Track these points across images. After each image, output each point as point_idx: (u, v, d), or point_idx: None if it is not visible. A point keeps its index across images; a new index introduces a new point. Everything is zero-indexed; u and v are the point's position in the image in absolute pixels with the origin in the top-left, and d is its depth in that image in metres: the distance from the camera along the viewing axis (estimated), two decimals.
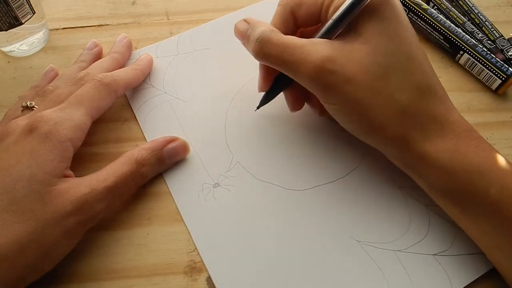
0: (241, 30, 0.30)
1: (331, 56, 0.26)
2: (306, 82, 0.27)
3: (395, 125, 0.26)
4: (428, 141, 0.26)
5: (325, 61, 0.26)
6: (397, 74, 0.26)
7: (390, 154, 0.29)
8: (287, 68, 0.28)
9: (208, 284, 0.28)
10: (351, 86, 0.26)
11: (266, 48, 0.28)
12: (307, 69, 0.26)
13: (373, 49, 0.26)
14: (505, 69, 0.35)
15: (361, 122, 0.27)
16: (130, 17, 0.41)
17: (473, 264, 0.28)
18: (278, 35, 0.28)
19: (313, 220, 0.30)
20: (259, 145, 0.33)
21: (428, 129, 0.26)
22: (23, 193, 0.25)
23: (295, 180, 0.31)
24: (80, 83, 0.31)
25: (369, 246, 0.29)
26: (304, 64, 0.26)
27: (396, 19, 0.27)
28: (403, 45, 0.27)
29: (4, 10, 0.33)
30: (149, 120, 0.34)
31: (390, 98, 0.26)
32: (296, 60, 0.27)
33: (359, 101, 0.26)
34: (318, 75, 0.26)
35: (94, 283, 0.27)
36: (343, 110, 0.28)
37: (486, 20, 0.39)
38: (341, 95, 0.26)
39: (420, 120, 0.26)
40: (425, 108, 0.27)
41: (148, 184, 0.31)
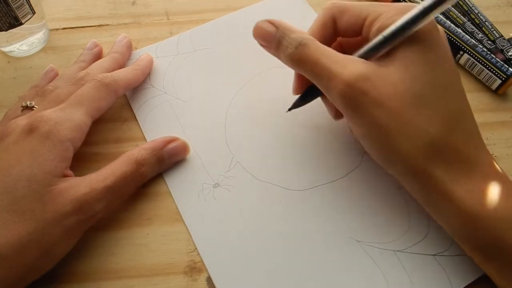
0: (267, 33, 0.28)
1: (365, 74, 0.25)
2: (335, 97, 0.26)
3: (421, 158, 0.25)
4: (454, 179, 0.25)
5: (359, 79, 0.25)
6: (431, 106, 0.25)
7: (412, 187, 0.27)
8: (319, 78, 0.26)
9: (208, 284, 0.28)
10: (381, 110, 0.25)
11: (303, 55, 0.27)
12: (339, 84, 0.25)
13: (410, 76, 0.25)
14: (505, 69, 0.35)
15: (385, 150, 0.26)
16: (130, 17, 0.41)
17: (473, 265, 0.28)
18: (316, 43, 0.27)
19: (313, 220, 0.30)
20: (259, 145, 0.33)
21: (456, 168, 0.25)
22: (23, 193, 0.25)
23: (295, 180, 0.31)
24: (80, 83, 0.31)
25: (369, 246, 0.29)
26: (336, 77, 0.25)
27: (439, 49, 0.26)
28: (442, 77, 0.25)
29: (4, 10, 0.33)
30: (149, 120, 0.34)
31: (420, 129, 0.25)
32: (329, 72, 0.25)
33: (386, 127, 0.25)
34: (349, 92, 0.25)
35: (94, 283, 0.27)
36: (369, 134, 0.26)
37: (486, 20, 0.39)
38: (369, 118, 0.25)
39: (449, 157, 0.25)
40: (455, 144, 0.25)
41: (148, 184, 0.31)
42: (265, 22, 0.29)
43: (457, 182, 0.25)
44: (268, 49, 0.29)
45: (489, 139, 0.34)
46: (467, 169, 0.25)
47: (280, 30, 0.28)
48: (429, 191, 0.26)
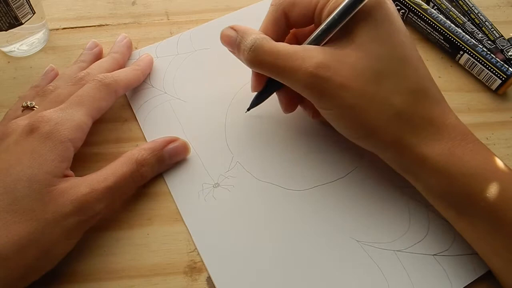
0: (230, 38, 0.29)
1: (324, 62, 0.26)
2: (300, 89, 0.27)
3: (390, 129, 0.26)
4: (424, 144, 0.26)
5: (319, 67, 0.26)
6: (391, 79, 0.26)
7: (387, 157, 0.29)
8: (281, 75, 0.28)
9: (208, 284, 0.28)
10: (345, 92, 0.26)
11: (260, 56, 0.27)
12: (301, 77, 0.26)
13: (365, 54, 0.26)
14: (505, 69, 0.35)
15: (356, 127, 0.27)
16: (130, 17, 0.41)
17: (473, 264, 0.28)
18: (270, 42, 0.28)
19: (313, 220, 0.30)
20: (259, 145, 0.33)
21: (424, 132, 0.26)
22: (24, 193, 0.25)
23: (295, 180, 0.31)
24: (81, 83, 0.31)
25: (369, 246, 0.29)
26: (297, 71, 0.26)
27: (389, 22, 0.27)
28: (397, 49, 0.26)
29: (4, 10, 0.33)
30: (149, 120, 0.34)
31: (385, 102, 0.26)
32: (290, 67, 0.27)
33: (353, 106, 0.26)
34: (312, 82, 0.26)
35: (94, 283, 0.27)
36: (337, 115, 0.28)
37: (486, 20, 0.39)
38: (335, 101, 0.26)
39: (416, 124, 0.26)
40: (421, 112, 0.26)
41: (148, 184, 0.31)
42: (227, 28, 0.30)
43: (426, 145, 0.26)
44: (235, 54, 0.30)
45: (489, 139, 0.34)
46: (435, 132, 0.26)
47: (239, 34, 0.29)
48: (403, 158, 0.27)
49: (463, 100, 0.36)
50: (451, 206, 0.27)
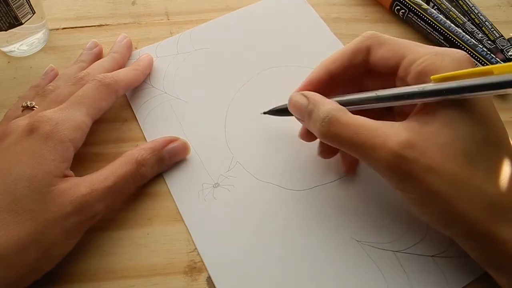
0: (300, 106, 0.27)
1: (411, 141, 0.23)
2: (380, 169, 0.25)
3: (481, 219, 0.23)
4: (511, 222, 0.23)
5: (404, 147, 0.23)
6: (485, 165, 0.24)
7: (472, 247, 0.25)
8: (359, 152, 0.25)
9: (208, 284, 0.28)
10: (432, 176, 0.23)
11: (335, 129, 0.25)
12: (383, 156, 0.24)
13: (457, 136, 0.23)
14: None
15: (441, 214, 0.24)
16: (130, 17, 0.41)
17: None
18: (348, 115, 0.25)
19: (313, 220, 0.30)
20: (259, 145, 0.33)
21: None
22: (24, 193, 0.25)
23: (295, 180, 0.31)
24: (81, 83, 0.31)
25: (369, 246, 0.29)
26: (379, 149, 0.24)
27: (481, 103, 0.24)
28: (491, 133, 0.24)
29: (4, 10, 0.33)
30: (149, 120, 0.34)
31: (477, 190, 0.23)
32: (371, 144, 0.24)
33: (441, 192, 0.23)
34: (396, 163, 0.24)
35: (94, 283, 0.28)
36: (421, 201, 0.25)
37: (486, 20, 0.39)
38: (421, 185, 0.24)
39: (509, 215, 0.24)
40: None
41: (148, 184, 0.31)
42: (297, 94, 0.28)
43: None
44: (302, 122, 0.29)
45: None
46: None
47: (311, 102, 0.27)
48: (492, 252, 0.24)
49: None
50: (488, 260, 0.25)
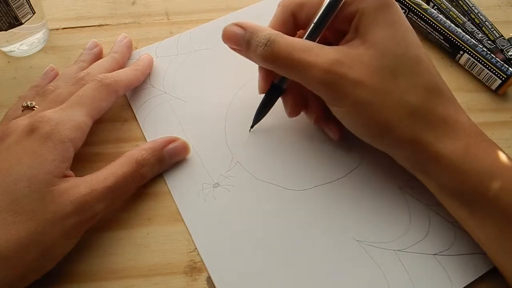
0: (236, 36, 0.29)
1: (339, 59, 0.26)
2: (314, 85, 0.27)
3: (405, 126, 0.26)
4: (439, 141, 0.26)
5: (334, 64, 0.26)
6: (406, 76, 0.26)
7: (400, 156, 0.28)
8: (295, 71, 0.27)
9: (208, 284, 0.28)
10: (360, 88, 0.26)
11: (275, 52, 0.27)
12: (316, 72, 0.26)
13: (380, 53, 0.26)
14: (505, 69, 0.35)
15: (370, 124, 0.27)
16: (130, 17, 0.41)
17: (473, 264, 0.28)
18: (285, 37, 0.27)
19: (313, 220, 0.30)
20: (259, 145, 0.33)
21: (439, 130, 0.26)
22: (24, 193, 0.25)
23: (295, 180, 0.31)
24: (81, 83, 0.31)
25: (370, 245, 0.29)
26: (313, 67, 0.26)
27: (400, 23, 0.27)
28: (410, 48, 0.27)
29: (4, 10, 0.33)
30: (149, 120, 0.34)
31: (400, 99, 0.26)
32: (306, 63, 0.26)
33: (368, 103, 0.26)
34: (327, 78, 0.26)
35: (94, 283, 0.27)
36: (351, 113, 0.27)
37: (486, 20, 0.39)
38: (350, 98, 0.26)
39: (431, 121, 0.26)
40: (435, 109, 0.27)
41: (148, 184, 0.31)
42: (232, 25, 0.29)
43: (441, 142, 0.26)
44: (239, 52, 0.30)
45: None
46: (449, 130, 0.26)
47: (248, 31, 0.28)
48: (418, 156, 0.27)
49: (463, 100, 0.36)
50: (464, 204, 0.27)
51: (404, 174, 0.29)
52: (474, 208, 0.26)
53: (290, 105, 0.32)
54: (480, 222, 0.26)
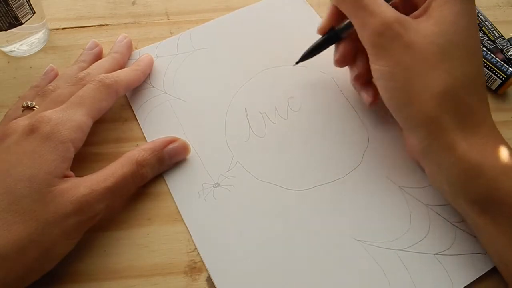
0: None
1: (402, 20, 0.27)
2: (368, 35, 0.28)
3: (433, 103, 0.26)
4: (460, 131, 0.26)
5: (395, 21, 0.27)
6: (454, 60, 0.27)
7: (416, 135, 0.28)
8: (359, 14, 0.28)
9: (208, 284, 0.28)
10: (409, 52, 0.27)
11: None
12: (376, 22, 0.27)
13: (440, 32, 0.27)
14: (505, 69, 0.35)
15: (403, 90, 0.27)
16: (130, 17, 0.41)
17: (474, 264, 0.28)
18: None
19: (313, 220, 0.30)
20: (259, 145, 0.33)
21: (465, 121, 0.26)
22: (24, 193, 0.25)
23: (295, 180, 0.31)
24: (81, 83, 0.31)
25: (370, 245, 0.29)
26: (375, 17, 0.27)
27: (468, 14, 0.27)
28: (468, 39, 0.27)
29: (4, 10, 0.33)
30: (149, 120, 0.34)
31: (439, 77, 0.26)
32: (371, 9, 0.27)
33: (410, 69, 0.27)
34: (384, 31, 0.27)
35: (94, 283, 0.27)
36: (391, 74, 0.27)
37: (486, 20, 0.39)
38: (396, 58, 0.27)
39: (459, 109, 0.26)
40: (468, 101, 0.27)
41: (148, 184, 0.31)
42: None
43: (463, 133, 0.26)
44: None
45: None
46: (475, 124, 0.27)
47: None
48: (434, 139, 0.27)
49: None
50: (474, 200, 0.26)
51: (404, 174, 0.29)
52: (485, 205, 0.26)
53: (340, 53, 0.32)
54: (490, 219, 0.26)
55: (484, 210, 0.26)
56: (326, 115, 0.34)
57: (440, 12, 0.27)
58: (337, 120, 0.34)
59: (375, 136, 0.33)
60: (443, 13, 0.27)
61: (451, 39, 0.27)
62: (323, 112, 0.34)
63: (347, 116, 0.34)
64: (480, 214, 0.26)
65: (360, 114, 0.34)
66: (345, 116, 0.34)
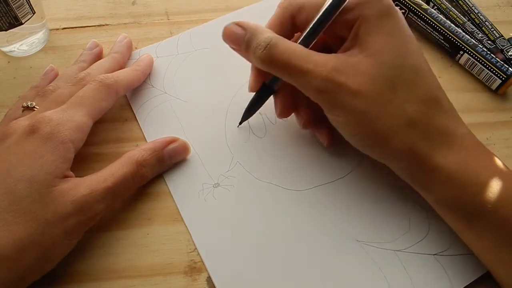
0: (236, 36, 0.28)
1: (338, 67, 0.26)
2: (312, 92, 0.27)
3: (402, 137, 0.26)
4: (437, 153, 0.26)
5: (332, 72, 0.26)
6: (404, 87, 0.26)
7: (396, 167, 0.28)
8: (293, 77, 0.27)
9: (208, 284, 0.28)
10: (358, 98, 0.26)
11: (274, 55, 0.27)
12: (314, 80, 0.26)
13: (379, 62, 0.26)
14: (505, 69, 0.35)
15: (367, 134, 0.27)
16: (130, 17, 0.41)
17: (473, 264, 0.28)
18: (286, 41, 0.27)
19: (313, 220, 0.30)
20: (259, 145, 0.33)
21: (437, 142, 0.26)
22: (24, 193, 0.25)
23: (295, 180, 0.31)
24: (81, 84, 0.31)
25: (369, 246, 0.29)
26: (311, 74, 0.26)
27: (400, 32, 0.27)
28: (409, 59, 0.27)
29: (4, 10, 0.33)
30: (149, 120, 0.34)
31: (398, 109, 0.26)
32: (304, 69, 0.26)
33: (366, 112, 0.26)
34: (325, 87, 0.26)
35: (94, 283, 0.27)
36: (348, 122, 0.27)
37: (486, 20, 0.39)
38: (347, 107, 0.26)
39: (428, 133, 0.26)
40: (433, 121, 0.26)
41: (148, 184, 0.31)
42: (233, 25, 0.29)
43: (439, 154, 0.26)
44: (238, 51, 0.30)
45: (489, 139, 0.34)
46: (448, 141, 0.26)
47: (248, 32, 0.28)
48: (415, 168, 0.27)
49: (463, 100, 0.36)
50: (461, 217, 0.26)
51: None
52: (471, 221, 0.26)
53: (280, 106, 0.31)
54: (476, 234, 0.26)
55: (469, 227, 0.26)
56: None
57: (371, 39, 0.26)
58: None
59: None
60: (374, 40, 0.26)
61: (392, 65, 0.26)
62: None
63: None
64: (466, 230, 0.27)
65: None
66: None
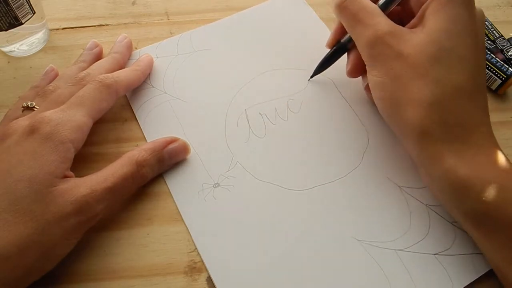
0: None
1: (394, 32, 0.28)
2: (362, 47, 0.29)
3: (423, 114, 0.26)
4: (449, 142, 0.26)
5: (387, 33, 0.28)
6: (442, 70, 0.27)
7: (407, 143, 0.28)
8: (354, 28, 0.30)
9: (208, 284, 0.28)
10: (398, 61, 0.27)
11: (349, 4, 0.30)
12: (368, 35, 0.28)
13: (431, 41, 0.27)
14: (505, 69, 0.35)
15: (392, 100, 0.28)
16: (130, 17, 0.41)
17: (474, 264, 0.28)
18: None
19: (313, 220, 0.30)
20: (259, 145, 0.33)
21: (454, 131, 0.26)
22: (24, 193, 0.25)
23: (295, 180, 0.31)
24: (81, 84, 0.31)
25: (370, 245, 0.29)
26: (368, 29, 0.28)
27: (461, 21, 0.27)
28: (459, 47, 0.27)
29: (4, 10, 0.33)
30: (149, 120, 0.34)
31: (428, 86, 0.26)
32: (365, 24, 0.29)
33: (399, 77, 0.27)
34: (376, 43, 0.28)
35: (94, 283, 0.27)
36: (382, 84, 0.28)
37: (486, 20, 0.39)
38: (386, 67, 0.28)
39: (449, 119, 0.26)
40: (456, 111, 0.26)
41: (148, 184, 0.31)
42: None
43: (451, 144, 0.26)
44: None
45: None
46: (463, 141, 0.26)
47: None
48: (422, 149, 0.27)
49: None
50: (466, 215, 0.26)
51: (404, 174, 0.29)
52: (479, 223, 0.26)
53: (351, 64, 0.33)
54: (483, 234, 0.26)
55: (477, 224, 0.26)
56: (325, 116, 0.34)
57: (434, 20, 0.27)
58: (337, 121, 0.34)
59: (375, 137, 0.33)
60: (436, 20, 0.27)
61: (441, 47, 0.27)
62: (323, 114, 0.34)
63: (347, 117, 0.34)
64: (473, 227, 0.26)
65: (360, 115, 0.34)
66: (345, 117, 0.34)
